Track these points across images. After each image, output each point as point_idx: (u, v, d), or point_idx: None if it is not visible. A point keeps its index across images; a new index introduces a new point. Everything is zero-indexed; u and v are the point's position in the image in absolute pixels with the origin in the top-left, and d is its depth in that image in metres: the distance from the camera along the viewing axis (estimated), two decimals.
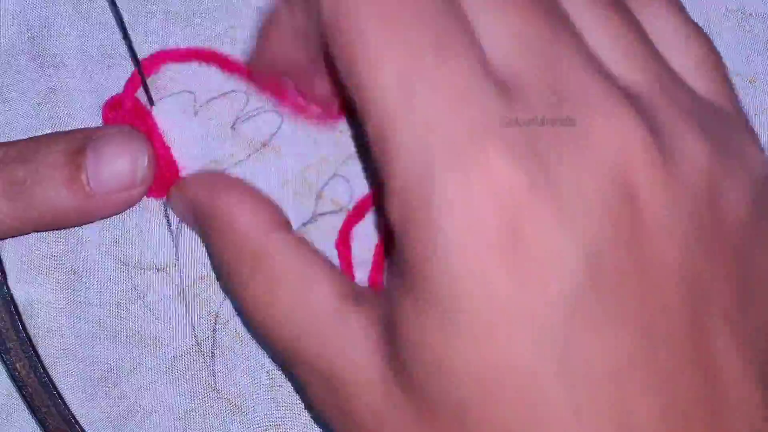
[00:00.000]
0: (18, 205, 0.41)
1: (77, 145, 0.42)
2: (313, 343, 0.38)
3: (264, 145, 0.45)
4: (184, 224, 0.45)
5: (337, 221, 0.45)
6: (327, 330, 0.37)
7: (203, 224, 0.42)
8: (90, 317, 0.45)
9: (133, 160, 0.42)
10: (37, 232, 0.44)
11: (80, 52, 0.45)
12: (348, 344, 0.37)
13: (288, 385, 0.46)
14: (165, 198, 0.45)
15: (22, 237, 0.44)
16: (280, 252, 0.39)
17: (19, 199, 0.41)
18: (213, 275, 0.45)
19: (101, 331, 0.45)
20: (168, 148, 0.45)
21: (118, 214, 0.44)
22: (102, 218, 0.44)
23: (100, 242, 0.45)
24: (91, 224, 0.45)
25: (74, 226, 0.44)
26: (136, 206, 0.44)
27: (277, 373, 0.46)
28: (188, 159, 0.45)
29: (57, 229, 0.44)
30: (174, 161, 0.44)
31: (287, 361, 0.39)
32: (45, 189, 0.41)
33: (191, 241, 0.45)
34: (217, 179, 0.43)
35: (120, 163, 0.42)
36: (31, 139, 0.43)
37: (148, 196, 0.45)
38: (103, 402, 0.45)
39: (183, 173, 0.45)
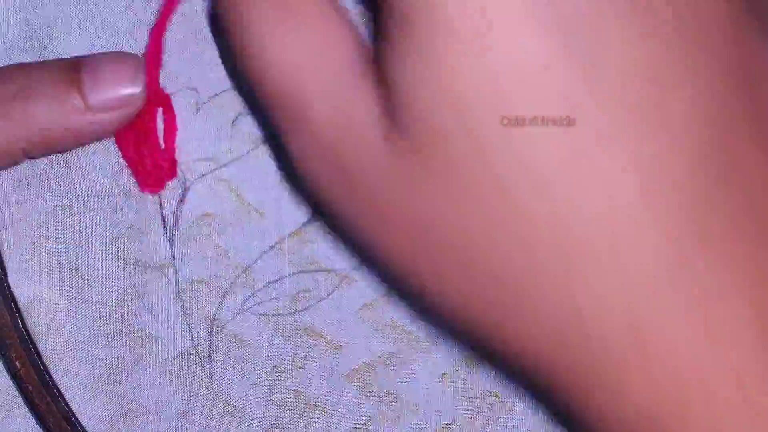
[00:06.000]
0: (6, 123, 0.39)
1: (73, 62, 0.41)
2: (328, 100, 0.34)
3: (264, 141, 0.44)
4: (179, 224, 0.44)
5: None
6: (346, 89, 0.34)
7: None
8: (90, 315, 0.45)
9: (131, 76, 0.41)
10: (29, 157, 0.42)
11: (84, 52, 0.44)
12: (361, 104, 0.34)
13: (287, 386, 0.45)
14: (161, 193, 0.44)
15: (22, 234, 0.44)
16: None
17: (8, 117, 0.39)
18: (210, 279, 0.45)
19: (101, 329, 0.45)
20: (171, 142, 0.44)
21: (108, 136, 0.42)
22: (94, 140, 0.42)
23: (101, 239, 0.45)
24: (91, 221, 0.44)
25: (65, 150, 0.42)
26: (134, 203, 0.44)
27: (275, 374, 0.45)
28: (184, 153, 0.44)
29: (47, 154, 0.42)
30: (172, 155, 0.44)
31: (288, 120, 0.35)
32: (36, 104, 0.39)
33: (187, 242, 0.44)
34: None
35: (118, 78, 0.40)
36: (23, 63, 0.41)
37: (143, 191, 0.44)
38: (103, 400, 0.45)
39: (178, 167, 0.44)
